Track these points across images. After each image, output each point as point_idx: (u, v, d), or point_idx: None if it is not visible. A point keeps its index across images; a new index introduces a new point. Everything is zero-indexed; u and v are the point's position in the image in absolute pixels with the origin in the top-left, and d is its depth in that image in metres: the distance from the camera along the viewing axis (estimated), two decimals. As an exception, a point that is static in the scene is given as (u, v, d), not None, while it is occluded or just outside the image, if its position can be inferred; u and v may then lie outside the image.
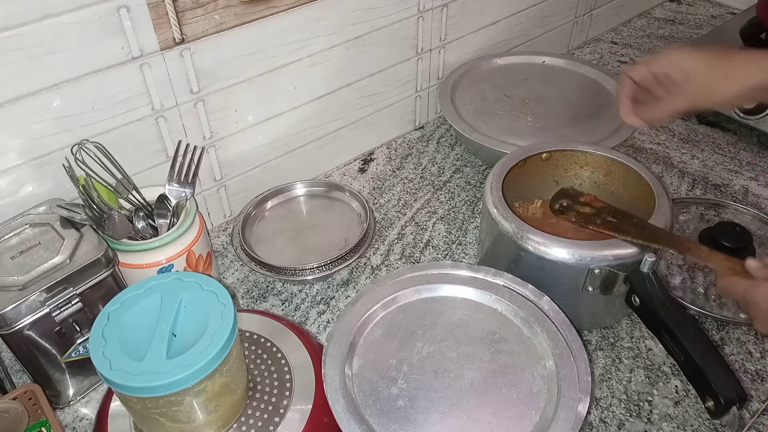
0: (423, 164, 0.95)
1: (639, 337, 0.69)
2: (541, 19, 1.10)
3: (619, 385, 0.65)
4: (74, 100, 0.63)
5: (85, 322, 0.60)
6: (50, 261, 0.58)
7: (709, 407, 0.52)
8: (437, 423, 0.51)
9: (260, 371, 0.54)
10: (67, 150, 0.63)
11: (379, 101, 0.93)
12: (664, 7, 1.37)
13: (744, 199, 0.86)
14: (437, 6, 0.90)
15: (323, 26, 0.78)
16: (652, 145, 0.97)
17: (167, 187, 0.67)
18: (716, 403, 0.51)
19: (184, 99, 0.71)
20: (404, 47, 0.90)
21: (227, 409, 0.49)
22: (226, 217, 0.85)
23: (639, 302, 0.59)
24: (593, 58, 1.20)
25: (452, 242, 0.81)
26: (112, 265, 0.60)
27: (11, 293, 0.55)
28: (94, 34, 0.61)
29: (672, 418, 0.62)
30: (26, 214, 0.63)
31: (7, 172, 0.63)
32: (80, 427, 0.62)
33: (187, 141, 0.71)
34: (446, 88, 0.95)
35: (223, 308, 0.46)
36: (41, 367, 0.60)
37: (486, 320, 0.59)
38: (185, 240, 0.65)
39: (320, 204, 0.84)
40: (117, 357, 0.44)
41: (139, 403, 0.44)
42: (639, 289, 0.58)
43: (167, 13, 0.64)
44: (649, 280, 0.58)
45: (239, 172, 0.82)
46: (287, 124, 0.83)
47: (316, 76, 0.82)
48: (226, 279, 0.78)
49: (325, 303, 0.74)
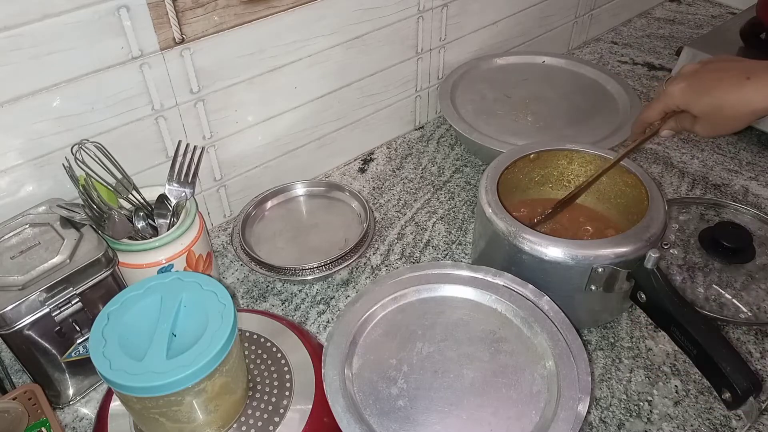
0: (423, 164, 0.95)
1: (639, 337, 0.69)
2: (541, 19, 1.10)
3: (619, 385, 0.65)
4: (74, 100, 0.63)
5: (85, 322, 0.60)
6: (50, 261, 0.58)
7: (725, 399, 0.52)
8: (437, 423, 0.51)
9: (260, 371, 0.54)
10: (67, 150, 0.63)
11: (379, 101, 0.93)
12: (664, 7, 1.37)
13: (744, 199, 0.86)
14: (437, 6, 0.90)
15: (323, 26, 0.78)
16: (652, 145, 0.97)
17: (167, 187, 0.67)
18: (733, 394, 0.51)
19: (184, 99, 0.71)
20: (404, 47, 0.90)
21: (227, 409, 0.49)
22: (226, 217, 0.85)
23: (645, 298, 0.59)
24: (593, 58, 1.20)
25: (452, 242, 0.81)
26: (112, 265, 0.60)
27: (11, 293, 0.55)
28: (94, 33, 0.61)
29: (672, 417, 0.62)
30: (26, 213, 0.63)
31: (7, 172, 0.63)
32: (80, 426, 0.62)
33: (187, 141, 0.71)
34: (446, 88, 0.95)
35: (223, 308, 0.46)
36: (41, 367, 0.60)
37: (486, 320, 0.59)
38: (185, 240, 0.65)
39: (320, 204, 0.84)
40: (117, 357, 0.44)
41: (138, 403, 0.44)
42: (645, 285, 0.58)
43: (167, 13, 0.64)
44: (654, 275, 0.58)
45: (239, 172, 0.82)
46: (287, 123, 0.83)
47: (316, 75, 0.82)
48: (226, 279, 0.78)
49: (325, 303, 0.74)
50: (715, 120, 0.61)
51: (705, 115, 0.61)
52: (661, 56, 1.19)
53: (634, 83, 1.11)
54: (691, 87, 0.62)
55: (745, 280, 0.74)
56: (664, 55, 1.19)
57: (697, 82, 0.62)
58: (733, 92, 0.59)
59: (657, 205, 0.65)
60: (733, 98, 0.59)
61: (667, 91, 0.64)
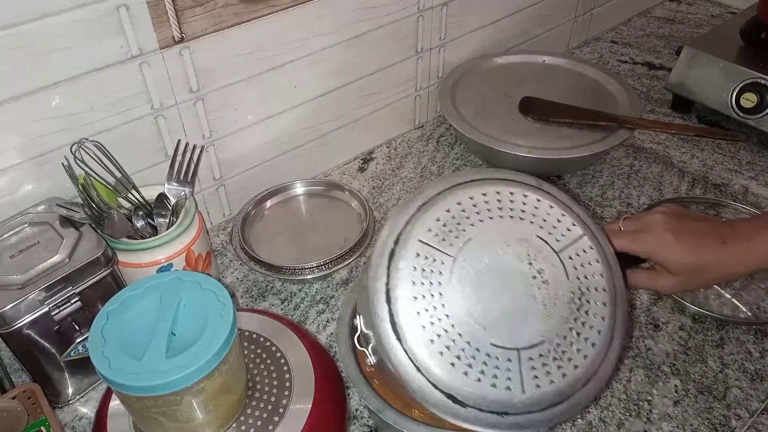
0: (423, 163, 0.94)
1: (638, 336, 0.69)
2: (541, 18, 1.10)
3: (618, 385, 0.65)
4: (73, 99, 0.63)
5: (85, 321, 0.60)
6: (49, 260, 0.58)
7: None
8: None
9: (260, 370, 0.54)
10: (66, 149, 0.63)
11: (379, 100, 0.93)
12: (664, 6, 1.36)
13: (744, 199, 0.86)
14: (437, 5, 0.90)
15: (323, 25, 0.78)
16: (652, 145, 0.97)
17: (166, 186, 0.67)
18: None
19: (183, 98, 0.71)
20: (404, 46, 0.90)
21: (227, 408, 0.49)
22: (226, 216, 0.85)
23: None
24: (593, 57, 1.20)
25: (452, 241, 0.81)
26: (111, 264, 0.60)
27: (10, 292, 0.55)
28: (94, 32, 0.61)
29: (671, 417, 0.62)
30: (25, 213, 0.63)
31: (6, 171, 0.63)
32: (79, 426, 0.62)
33: (187, 140, 0.71)
34: (446, 88, 0.95)
35: (222, 307, 0.46)
36: (40, 366, 0.60)
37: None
38: (184, 239, 0.65)
39: (320, 203, 0.84)
40: (116, 356, 0.43)
41: (138, 402, 0.44)
42: None
43: (167, 12, 0.64)
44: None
45: (239, 171, 0.82)
46: (287, 123, 0.83)
47: (315, 75, 0.82)
48: (226, 278, 0.78)
49: (325, 302, 0.74)
50: (691, 279, 0.61)
51: (682, 273, 0.60)
52: (661, 56, 1.19)
53: (634, 83, 1.11)
54: (677, 240, 0.59)
55: (745, 279, 0.74)
56: (664, 54, 1.19)
57: (681, 238, 0.60)
58: (714, 255, 0.59)
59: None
60: (714, 261, 0.59)
61: (638, 237, 0.61)
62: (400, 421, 0.52)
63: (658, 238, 0.60)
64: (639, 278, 0.64)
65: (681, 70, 1.00)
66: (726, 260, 0.59)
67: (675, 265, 0.60)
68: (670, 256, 0.60)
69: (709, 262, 0.59)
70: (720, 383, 0.65)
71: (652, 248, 0.60)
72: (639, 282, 0.64)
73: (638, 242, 0.61)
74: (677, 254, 0.59)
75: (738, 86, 0.92)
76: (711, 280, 0.63)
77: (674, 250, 0.59)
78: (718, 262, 0.59)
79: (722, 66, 0.94)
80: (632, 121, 0.86)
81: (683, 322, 0.71)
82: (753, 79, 0.91)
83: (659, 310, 0.72)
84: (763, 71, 0.90)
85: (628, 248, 0.61)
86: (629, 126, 0.86)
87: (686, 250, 0.59)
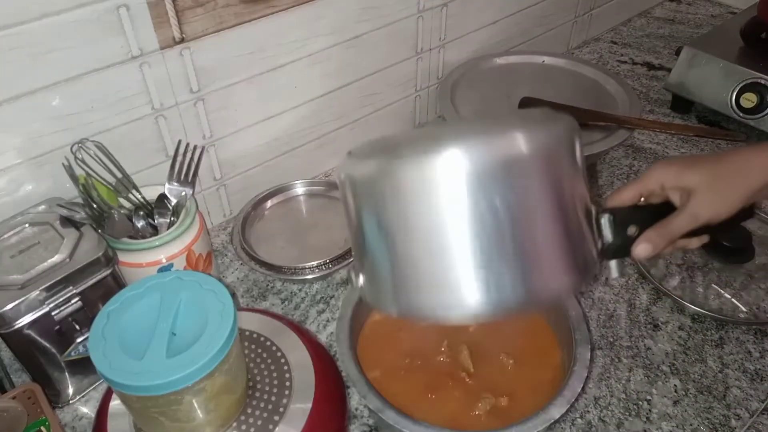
0: (423, 164, 0.94)
1: (638, 336, 0.69)
2: (541, 18, 1.10)
3: (618, 384, 0.65)
4: (74, 99, 0.63)
5: (85, 321, 0.60)
6: (50, 260, 0.58)
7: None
8: None
9: (260, 370, 0.54)
10: (66, 149, 0.63)
11: (379, 101, 0.93)
12: (663, 6, 1.36)
13: (743, 199, 0.86)
14: (437, 5, 0.90)
15: (323, 25, 0.78)
16: (652, 145, 0.97)
17: (167, 186, 0.67)
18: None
19: (183, 98, 0.71)
20: (404, 47, 0.90)
21: (227, 408, 0.49)
22: (226, 216, 0.85)
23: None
24: (593, 57, 1.20)
25: (452, 241, 0.81)
26: (111, 264, 0.60)
27: (11, 292, 0.55)
28: (94, 32, 0.61)
29: (671, 417, 0.62)
30: (26, 213, 0.63)
31: (7, 171, 0.63)
32: (80, 426, 0.62)
33: (187, 140, 0.71)
34: (446, 88, 0.95)
35: (222, 307, 0.46)
36: (41, 366, 0.60)
37: None
38: (185, 239, 0.65)
39: (320, 203, 0.84)
40: (117, 356, 0.44)
41: (138, 402, 0.44)
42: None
43: (167, 12, 0.64)
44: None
45: (239, 172, 0.82)
46: (287, 123, 0.83)
47: (315, 75, 0.82)
48: (226, 278, 0.78)
49: (325, 302, 0.74)
50: (717, 188, 0.52)
51: (699, 189, 0.51)
52: (660, 56, 1.19)
53: (634, 83, 1.11)
54: (682, 159, 0.54)
55: (745, 279, 0.74)
56: (663, 54, 1.19)
57: (689, 158, 0.55)
58: (718, 157, 0.53)
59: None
60: (725, 157, 0.53)
61: (649, 169, 0.54)
62: (400, 421, 0.52)
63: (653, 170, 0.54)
64: (675, 224, 0.52)
65: (681, 70, 1.00)
66: (748, 162, 0.52)
67: (689, 176, 0.52)
68: (679, 169, 0.52)
69: (721, 156, 0.53)
70: (720, 383, 0.65)
71: (661, 171, 0.53)
72: (681, 225, 0.52)
73: (649, 174, 0.54)
74: (685, 164, 0.52)
75: (738, 86, 0.92)
76: (740, 185, 0.52)
77: (680, 163, 0.53)
78: (729, 158, 0.53)
79: (722, 66, 0.94)
80: (632, 121, 0.86)
81: (683, 321, 0.71)
82: (753, 79, 0.91)
83: (659, 309, 0.72)
84: (763, 71, 0.91)
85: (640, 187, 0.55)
86: (629, 126, 0.86)
87: (696, 161, 0.52)
